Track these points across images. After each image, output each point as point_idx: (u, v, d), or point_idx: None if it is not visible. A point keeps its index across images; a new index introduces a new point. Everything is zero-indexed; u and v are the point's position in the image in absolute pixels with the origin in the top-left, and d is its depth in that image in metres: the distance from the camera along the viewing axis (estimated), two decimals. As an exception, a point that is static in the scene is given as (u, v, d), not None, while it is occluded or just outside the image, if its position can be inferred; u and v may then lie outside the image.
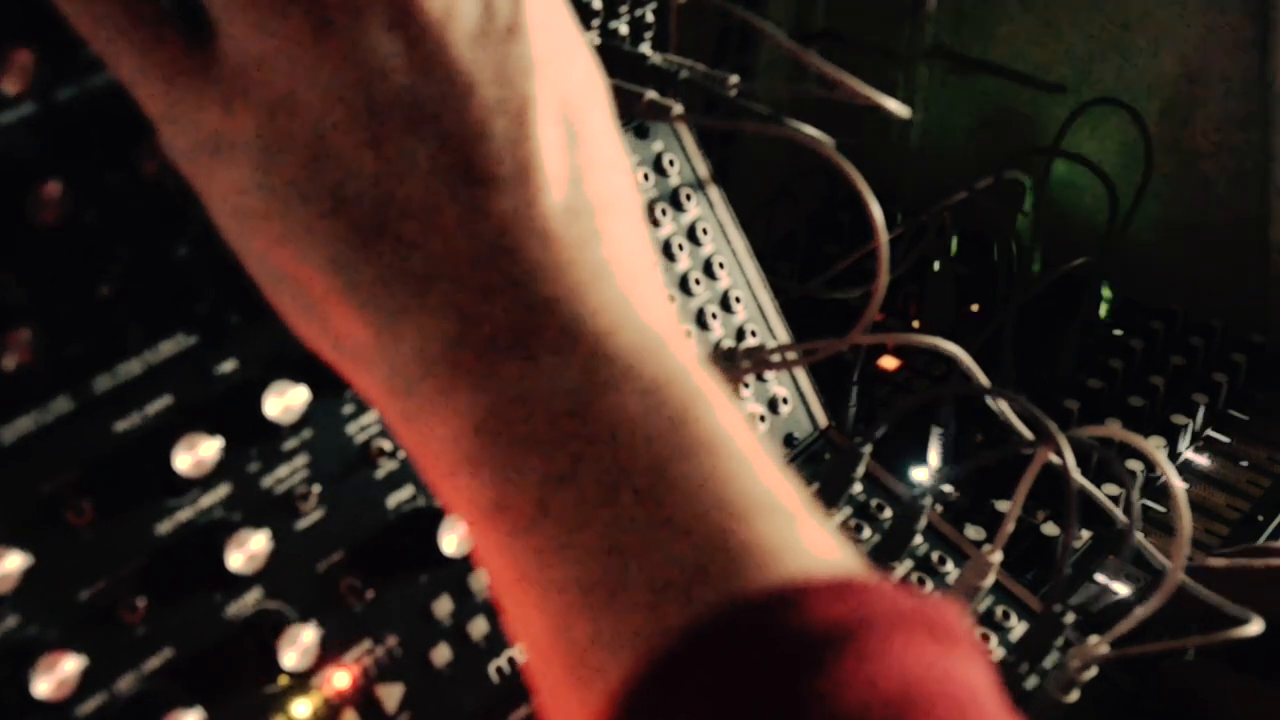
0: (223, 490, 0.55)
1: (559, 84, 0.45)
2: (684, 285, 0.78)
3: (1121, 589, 0.79)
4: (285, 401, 0.57)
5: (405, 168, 0.42)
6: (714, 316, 0.78)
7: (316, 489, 0.58)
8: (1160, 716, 0.70)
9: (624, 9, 0.74)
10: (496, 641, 0.61)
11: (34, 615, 0.50)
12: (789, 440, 0.80)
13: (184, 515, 0.54)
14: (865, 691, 0.35)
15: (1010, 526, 0.71)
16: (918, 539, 0.76)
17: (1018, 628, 0.73)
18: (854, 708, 0.35)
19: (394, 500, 0.60)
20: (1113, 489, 0.82)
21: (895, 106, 0.64)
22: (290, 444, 0.58)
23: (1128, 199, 0.98)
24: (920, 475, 0.85)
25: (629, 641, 0.38)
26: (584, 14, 0.72)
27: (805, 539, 0.40)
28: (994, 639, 0.73)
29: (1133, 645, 0.67)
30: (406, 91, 0.42)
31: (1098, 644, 0.67)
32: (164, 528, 0.54)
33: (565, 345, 0.42)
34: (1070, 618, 0.70)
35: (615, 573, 0.39)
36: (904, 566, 0.76)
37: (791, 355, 0.77)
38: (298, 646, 0.55)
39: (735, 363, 0.76)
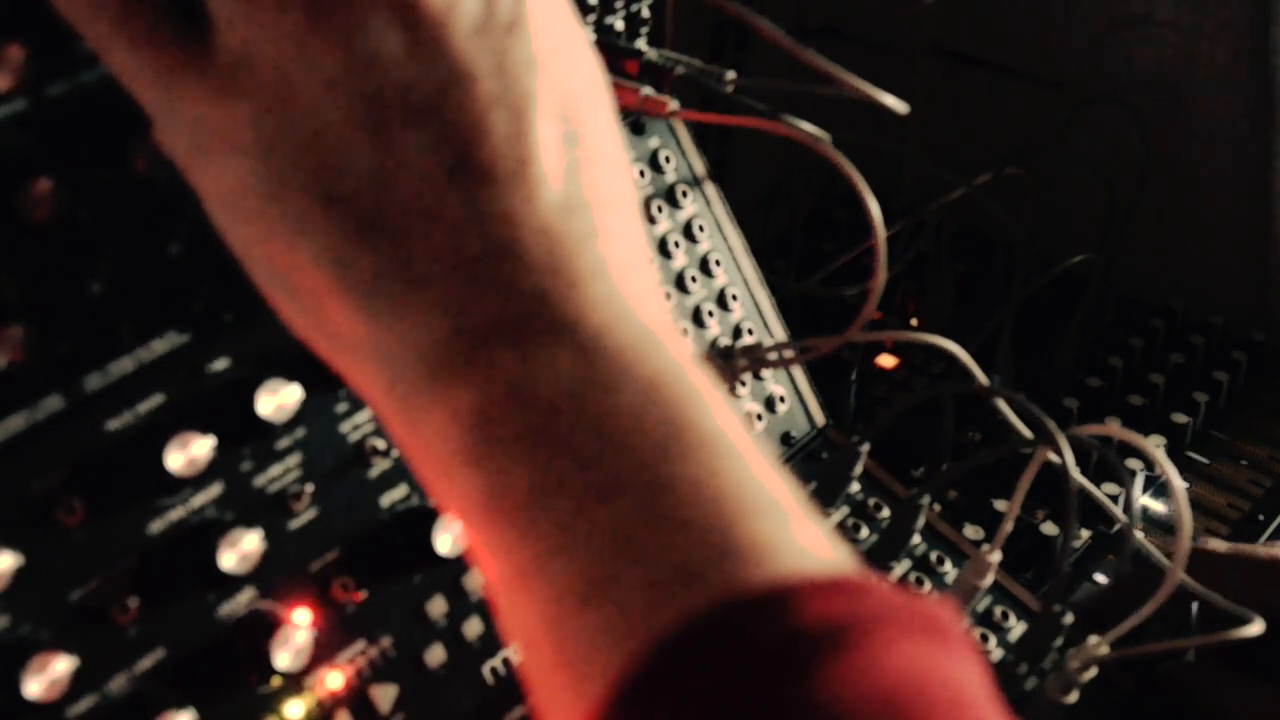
0: (215, 489, 0.55)
1: (560, 81, 0.45)
2: (680, 283, 0.77)
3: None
4: (278, 400, 0.56)
5: (403, 161, 0.42)
6: (710, 314, 0.78)
7: (310, 488, 0.58)
8: (1160, 717, 0.70)
9: (620, 4, 0.74)
10: (491, 642, 0.61)
11: (25, 615, 0.50)
12: (786, 439, 0.80)
13: (176, 514, 0.54)
14: (858, 691, 0.35)
15: (1009, 526, 0.71)
16: (916, 538, 0.76)
17: (1016, 628, 0.73)
18: (847, 707, 0.35)
19: (388, 500, 0.60)
20: (1112, 488, 0.82)
21: (893, 103, 0.64)
22: (283, 443, 0.57)
23: (1127, 197, 0.98)
24: (918, 474, 0.85)
25: (623, 639, 0.38)
26: (580, 9, 0.72)
27: (800, 537, 0.39)
28: (992, 639, 0.72)
29: (1132, 645, 0.66)
30: (405, 84, 0.42)
31: (1097, 644, 0.67)
32: (156, 527, 0.54)
33: (561, 342, 0.41)
34: (1069, 618, 0.70)
35: (609, 570, 0.39)
36: (902, 566, 0.75)
37: (789, 353, 0.76)
38: (290, 647, 0.55)
39: (732, 361, 0.76)
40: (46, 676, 0.49)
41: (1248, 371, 0.98)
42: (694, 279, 0.78)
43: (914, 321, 1.02)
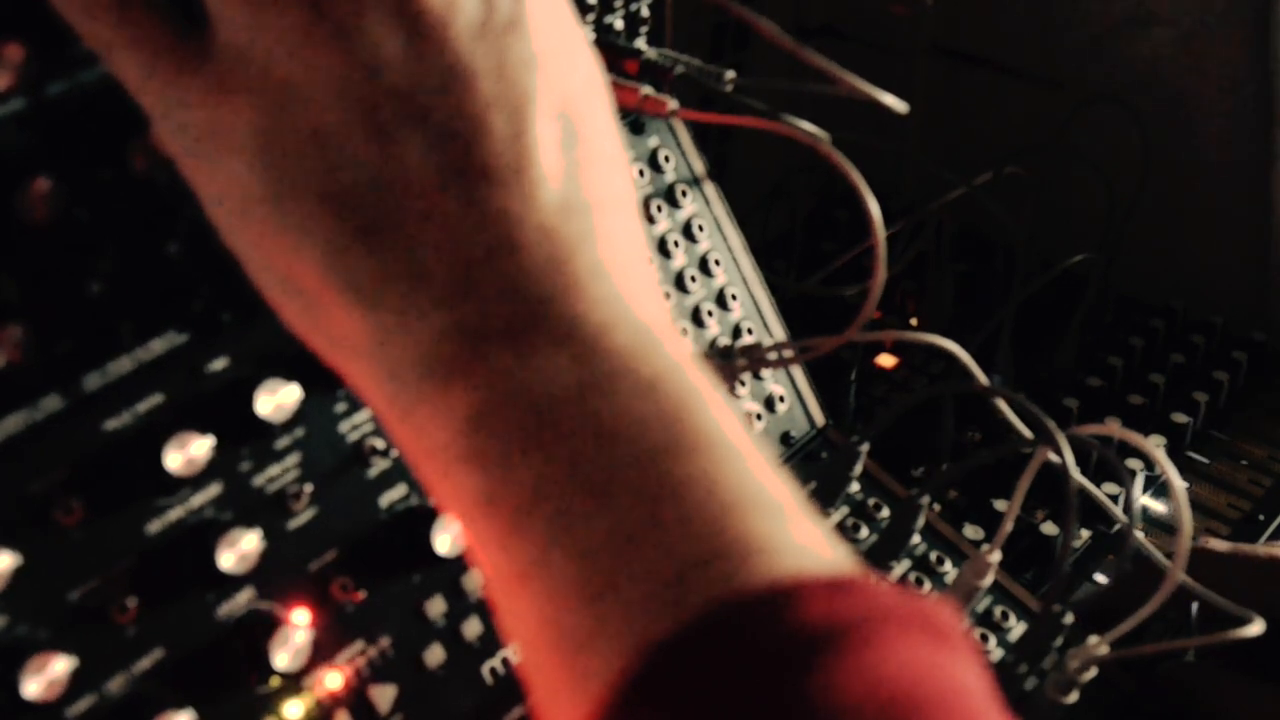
0: (214, 489, 0.55)
1: (559, 81, 0.45)
2: (679, 282, 0.77)
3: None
4: (277, 400, 0.56)
5: (402, 161, 0.42)
6: (710, 314, 0.78)
7: (309, 488, 0.58)
8: (1160, 717, 0.70)
9: (619, 3, 0.74)
10: (490, 642, 0.61)
11: (23, 615, 0.50)
12: (786, 439, 0.80)
13: (175, 514, 0.54)
14: (857, 690, 0.35)
15: (1009, 526, 0.71)
16: (916, 538, 0.76)
17: (1016, 628, 0.73)
18: (846, 706, 0.35)
19: (387, 499, 0.60)
20: (1112, 488, 0.82)
21: (893, 102, 0.64)
22: (282, 442, 0.57)
23: (1127, 197, 0.98)
24: (918, 474, 0.85)
25: (622, 639, 0.38)
26: (579, 8, 0.72)
27: (798, 537, 0.39)
28: (992, 639, 0.72)
29: (1132, 645, 0.66)
30: (405, 83, 0.42)
31: (1097, 644, 0.67)
32: (155, 527, 0.54)
33: (560, 342, 0.41)
34: (1069, 618, 0.70)
35: (608, 570, 0.39)
36: (902, 566, 0.75)
37: (788, 353, 0.76)
38: (289, 647, 0.55)
39: (731, 360, 0.76)
40: (45, 676, 0.49)
41: (1248, 371, 0.98)
42: (693, 278, 0.78)
43: (914, 321, 1.02)
